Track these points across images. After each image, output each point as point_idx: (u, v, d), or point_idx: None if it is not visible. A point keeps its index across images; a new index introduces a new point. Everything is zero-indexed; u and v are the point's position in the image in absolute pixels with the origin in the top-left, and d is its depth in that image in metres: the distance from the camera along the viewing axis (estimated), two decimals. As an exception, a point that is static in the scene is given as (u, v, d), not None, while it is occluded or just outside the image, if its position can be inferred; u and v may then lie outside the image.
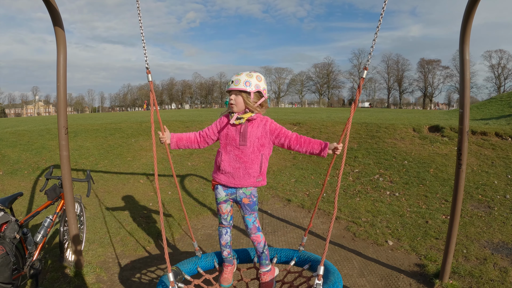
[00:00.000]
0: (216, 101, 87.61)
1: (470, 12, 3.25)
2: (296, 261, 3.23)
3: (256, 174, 2.82)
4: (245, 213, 2.90)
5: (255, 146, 2.78)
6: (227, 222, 3.01)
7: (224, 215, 2.97)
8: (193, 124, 11.79)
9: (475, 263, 4.08)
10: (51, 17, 3.54)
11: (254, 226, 2.90)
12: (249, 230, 2.92)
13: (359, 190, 6.74)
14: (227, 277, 3.04)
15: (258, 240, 2.93)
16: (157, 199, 6.40)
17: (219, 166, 2.86)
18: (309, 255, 3.22)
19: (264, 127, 2.79)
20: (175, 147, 2.90)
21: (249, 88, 2.66)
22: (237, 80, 2.65)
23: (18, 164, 8.12)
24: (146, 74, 2.71)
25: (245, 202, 2.87)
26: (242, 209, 2.91)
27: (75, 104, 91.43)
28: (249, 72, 2.70)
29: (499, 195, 5.91)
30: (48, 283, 3.78)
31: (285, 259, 3.30)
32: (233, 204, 3.01)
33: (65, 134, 3.78)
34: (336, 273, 2.71)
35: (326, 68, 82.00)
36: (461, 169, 3.54)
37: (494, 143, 8.01)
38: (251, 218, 2.90)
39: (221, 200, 2.93)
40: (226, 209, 2.95)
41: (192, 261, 3.21)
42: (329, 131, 10.18)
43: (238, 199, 2.88)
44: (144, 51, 2.72)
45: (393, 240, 4.83)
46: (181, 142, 2.91)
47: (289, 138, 2.81)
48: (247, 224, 2.91)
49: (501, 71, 66.34)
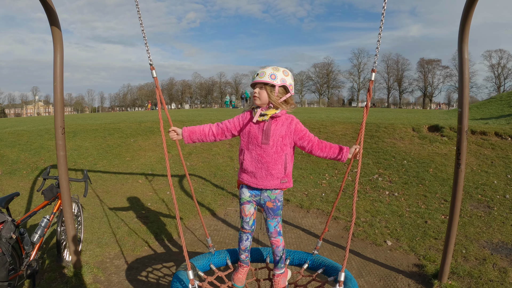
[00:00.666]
0: (216, 101, 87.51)
1: (468, 11, 3.24)
2: (310, 265, 3.19)
3: (280, 175, 2.72)
4: (268, 216, 2.84)
5: (279, 145, 2.67)
6: (249, 227, 2.89)
7: (246, 218, 2.86)
8: (192, 124, 11.75)
9: (474, 264, 4.06)
10: (48, 16, 3.52)
11: (275, 231, 2.85)
12: (269, 233, 2.87)
13: (358, 190, 6.72)
14: (241, 278, 3.02)
15: (278, 244, 2.89)
16: (156, 199, 6.38)
17: (242, 164, 2.78)
18: (323, 259, 3.18)
19: (289, 126, 2.69)
20: (188, 141, 2.79)
21: (275, 81, 2.55)
22: (262, 72, 2.56)
23: (17, 164, 8.11)
24: (150, 70, 2.69)
25: (268, 206, 2.80)
26: (265, 212, 2.85)
27: (75, 104, 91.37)
28: (275, 66, 2.61)
29: (498, 195, 5.89)
30: (46, 283, 3.76)
31: (298, 262, 3.27)
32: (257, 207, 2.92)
33: (62, 134, 3.77)
34: (352, 280, 2.69)
35: (325, 68, 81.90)
36: (460, 168, 3.53)
37: (494, 143, 7.99)
38: (273, 222, 2.84)
39: (244, 200, 2.84)
40: (249, 211, 2.85)
41: (205, 257, 3.20)
42: (328, 131, 10.16)
43: (262, 202, 2.81)
44: (146, 47, 2.73)
45: (392, 240, 4.82)
46: (194, 136, 2.79)
47: (312, 142, 2.73)
48: (268, 227, 2.86)
49: (501, 71, 66.28)
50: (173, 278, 2.72)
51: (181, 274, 2.76)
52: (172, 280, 2.70)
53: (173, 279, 2.70)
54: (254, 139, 2.68)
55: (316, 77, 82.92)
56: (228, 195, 6.79)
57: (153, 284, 3.91)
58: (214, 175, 7.84)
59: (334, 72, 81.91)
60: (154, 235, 5.12)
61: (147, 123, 11.97)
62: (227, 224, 5.56)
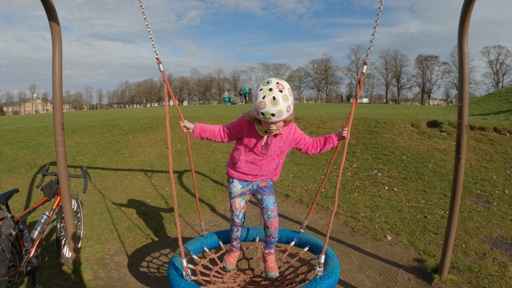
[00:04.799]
0: (214, 97, 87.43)
1: (468, 5, 3.23)
2: (296, 242, 3.34)
3: (270, 172, 2.91)
4: (264, 194, 2.88)
5: (276, 154, 2.81)
6: (239, 220, 2.96)
7: (236, 211, 2.93)
8: (191, 120, 11.70)
9: (474, 258, 4.07)
10: (47, 12, 3.50)
11: (275, 208, 2.86)
12: (270, 212, 2.82)
13: (358, 185, 6.73)
14: (232, 261, 3.12)
15: (276, 225, 2.87)
16: (155, 195, 6.37)
17: (235, 163, 2.87)
18: (309, 237, 3.32)
19: (287, 136, 2.75)
20: (198, 137, 2.86)
21: (290, 112, 2.48)
22: (279, 112, 2.37)
23: (15, 162, 8.08)
24: (157, 64, 2.69)
25: (262, 186, 2.91)
26: (259, 193, 2.91)
27: (73, 102, 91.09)
28: (283, 92, 2.39)
29: (498, 190, 5.90)
30: (45, 280, 3.76)
31: (286, 240, 3.42)
32: (247, 201, 3.02)
33: (61, 130, 3.75)
34: (334, 258, 2.77)
35: (324, 64, 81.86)
36: (460, 163, 3.53)
37: (493, 138, 8.00)
38: (270, 198, 2.87)
39: (236, 193, 2.93)
40: (239, 204, 2.93)
41: (199, 241, 3.33)
42: (327, 126, 10.15)
43: (255, 186, 2.92)
44: (152, 42, 2.74)
45: (391, 235, 4.82)
46: (204, 133, 2.87)
47: (307, 144, 2.83)
48: (267, 205, 2.84)
49: (499, 67, 66.36)
50: (169, 265, 2.78)
51: (176, 260, 2.81)
52: (168, 267, 2.76)
53: (169, 266, 2.76)
54: (254, 147, 2.76)
55: (314, 73, 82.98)
56: (227, 190, 6.77)
57: (153, 279, 3.91)
58: (213, 171, 7.83)
59: (333, 68, 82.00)
60: (154, 231, 5.12)
61: (145, 119, 11.94)
62: (227, 220, 5.56)
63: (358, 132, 9.53)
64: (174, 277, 2.58)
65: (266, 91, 2.37)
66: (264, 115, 2.39)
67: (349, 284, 3.71)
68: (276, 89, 2.38)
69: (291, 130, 2.75)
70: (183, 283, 2.47)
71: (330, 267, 2.58)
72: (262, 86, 2.43)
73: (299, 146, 2.82)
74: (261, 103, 2.37)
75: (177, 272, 2.61)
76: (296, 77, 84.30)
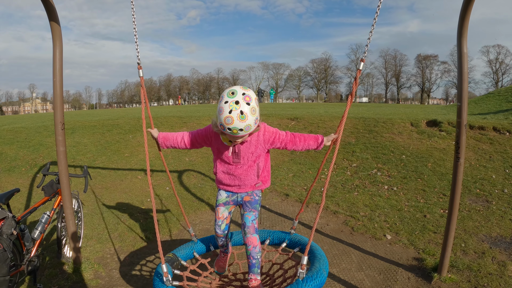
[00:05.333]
0: (213, 97, 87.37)
1: (467, 5, 3.24)
2: (288, 243, 3.28)
3: (254, 182, 2.72)
4: (245, 210, 2.74)
5: (250, 160, 2.62)
6: (221, 231, 2.86)
7: (218, 221, 2.83)
8: (191, 119, 11.75)
9: (474, 257, 4.08)
10: (47, 12, 3.51)
11: (252, 225, 2.67)
12: (246, 228, 2.66)
13: (357, 184, 6.74)
14: (222, 265, 3.07)
15: (254, 243, 2.63)
16: (155, 195, 6.38)
17: (216, 175, 2.77)
18: (300, 237, 3.27)
19: (257, 139, 2.56)
20: (163, 146, 2.81)
21: (258, 122, 2.35)
22: (248, 126, 2.23)
23: (15, 161, 8.09)
24: (138, 69, 2.73)
25: (246, 200, 2.76)
26: (243, 207, 2.78)
27: (73, 101, 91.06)
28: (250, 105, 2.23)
29: (497, 189, 5.92)
30: (46, 279, 3.77)
31: (277, 241, 3.36)
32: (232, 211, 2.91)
33: (62, 130, 3.76)
34: (322, 259, 2.66)
35: (323, 64, 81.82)
36: (459, 162, 3.54)
37: (492, 138, 8.01)
38: (250, 215, 2.70)
39: (220, 202, 2.83)
40: (223, 214, 2.82)
41: (188, 246, 3.28)
42: (326, 126, 10.16)
43: (239, 199, 2.78)
44: (136, 47, 2.74)
45: (391, 234, 4.84)
46: (168, 142, 2.79)
47: (284, 141, 2.64)
48: (245, 221, 2.68)
49: (498, 66, 66.35)
50: (154, 274, 2.73)
51: (160, 268, 2.75)
52: (154, 274, 2.72)
53: (154, 275, 2.71)
54: (225, 158, 2.62)
55: (314, 72, 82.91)
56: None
57: (154, 279, 3.92)
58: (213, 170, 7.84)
59: (332, 67, 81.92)
60: (154, 231, 5.13)
61: (145, 119, 11.95)
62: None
63: (358, 131, 9.55)
64: (156, 283, 2.56)
65: (233, 104, 2.18)
66: (232, 130, 2.23)
67: (348, 283, 3.73)
68: (243, 101, 2.20)
69: (260, 132, 2.56)
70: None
71: (315, 268, 2.47)
72: (227, 98, 2.22)
73: (275, 145, 2.64)
74: (228, 118, 2.19)
75: (159, 278, 2.57)
76: (295, 76, 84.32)
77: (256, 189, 2.78)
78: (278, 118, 11.23)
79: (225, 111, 2.19)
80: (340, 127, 2.61)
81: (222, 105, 2.22)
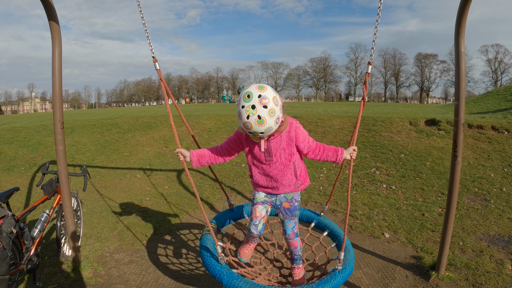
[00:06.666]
0: (212, 96, 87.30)
1: (464, 5, 3.25)
2: (316, 224, 3.46)
3: (293, 182, 2.67)
4: (285, 217, 2.76)
5: (284, 157, 2.55)
6: (257, 232, 2.80)
7: (256, 220, 2.77)
8: (190, 118, 11.75)
9: (472, 255, 4.10)
10: (46, 11, 3.51)
11: (293, 232, 2.78)
12: (287, 235, 2.80)
13: (356, 183, 6.76)
14: (247, 253, 2.99)
15: (295, 245, 2.86)
16: (154, 194, 6.38)
17: (252, 178, 2.73)
18: (328, 222, 3.43)
19: (288, 134, 2.49)
20: (197, 165, 2.66)
21: (280, 120, 2.33)
22: (268, 129, 2.22)
23: (14, 161, 8.09)
24: (153, 63, 2.67)
25: (285, 207, 2.73)
26: (281, 213, 2.77)
27: (72, 101, 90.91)
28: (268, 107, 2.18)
29: (495, 188, 5.94)
30: (46, 278, 3.78)
31: (306, 219, 3.55)
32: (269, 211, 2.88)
33: (61, 129, 3.77)
34: (351, 251, 2.86)
35: (323, 63, 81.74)
36: (456, 161, 3.56)
37: (491, 137, 8.03)
38: (290, 223, 2.76)
39: (258, 200, 2.77)
40: (260, 213, 2.76)
41: (226, 215, 3.46)
42: (325, 125, 10.17)
43: (278, 203, 2.74)
44: (149, 40, 2.68)
45: (389, 232, 4.86)
46: (204, 159, 2.68)
47: (310, 148, 2.62)
48: (285, 229, 2.79)
49: (497, 66, 66.37)
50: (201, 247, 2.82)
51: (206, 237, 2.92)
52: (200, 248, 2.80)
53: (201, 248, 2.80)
54: (257, 158, 2.59)
55: (313, 71, 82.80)
56: (226, 189, 6.81)
57: (153, 277, 3.94)
58: (212, 169, 7.84)
59: (331, 66, 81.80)
60: (153, 229, 5.14)
61: (144, 118, 11.95)
62: (226, 218, 5.58)
63: (357, 130, 9.55)
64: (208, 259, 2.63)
65: (249, 109, 2.15)
66: (253, 134, 2.27)
67: (347, 281, 3.74)
68: (260, 105, 2.15)
69: (291, 127, 2.50)
70: (219, 266, 2.53)
71: (346, 260, 2.68)
72: (243, 102, 2.18)
73: (299, 147, 2.56)
74: (247, 124, 2.19)
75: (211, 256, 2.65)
76: (294, 75, 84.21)
77: (295, 191, 2.73)
78: (277, 117, 11.23)
79: (243, 117, 2.18)
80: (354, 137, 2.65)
81: (239, 109, 2.21)
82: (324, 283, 2.41)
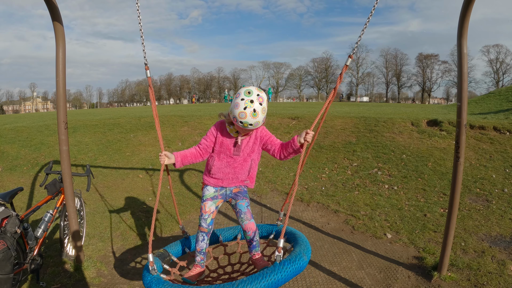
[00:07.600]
0: (214, 96, 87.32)
1: (468, 5, 3.26)
2: (275, 235, 3.32)
3: (244, 177, 2.94)
4: (237, 199, 2.93)
5: (247, 154, 2.87)
6: (207, 225, 2.93)
7: (205, 215, 2.92)
8: (192, 119, 11.77)
9: (473, 256, 4.11)
10: (50, 12, 3.53)
11: (248, 211, 2.90)
12: (243, 215, 2.87)
13: (358, 183, 6.77)
14: (193, 278, 2.97)
15: (253, 228, 2.87)
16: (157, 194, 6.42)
17: (210, 170, 2.93)
18: (287, 228, 3.20)
19: (256, 134, 2.86)
20: (180, 165, 2.96)
21: (264, 120, 2.67)
22: (257, 122, 2.57)
23: (17, 160, 8.12)
24: (145, 70, 2.80)
25: (235, 191, 2.95)
26: (233, 198, 2.95)
27: (73, 100, 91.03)
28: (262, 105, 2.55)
29: (497, 189, 5.94)
30: (49, 277, 3.80)
31: (266, 233, 3.40)
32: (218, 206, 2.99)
33: (65, 129, 3.79)
34: (303, 244, 2.67)
35: (324, 63, 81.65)
36: (459, 162, 3.57)
37: (492, 137, 8.03)
38: (244, 202, 2.92)
39: (208, 196, 2.96)
40: (209, 208, 2.93)
41: (180, 243, 3.35)
42: (327, 125, 10.18)
43: (228, 192, 2.96)
44: (143, 47, 2.83)
45: (391, 233, 4.86)
46: (186, 159, 2.96)
47: (275, 145, 2.84)
48: (240, 208, 2.88)
49: (499, 66, 66.24)
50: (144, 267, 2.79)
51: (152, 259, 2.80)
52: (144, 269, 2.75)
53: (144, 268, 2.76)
54: (226, 150, 2.85)
55: (314, 72, 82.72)
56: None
57: (156, 277, 3.95)
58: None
59: (333, 67, 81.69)
60: (156, 229, 5.16)
61: (146, 118, 11.97)
62: (228, 218, 5.60)
63: (359, 130, 9.56)
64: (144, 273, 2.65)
65: (248, 102, 2.50)
66: (243, 124, 2.56)
67: (349, 281, 3.76)
68: (257, 101, 2.51)
69: (258, 129, 2.85)
70: (149, 277, 2.54)
71: (295, 253, 2.47)
72: (244, 96, 2.54)
73: (267, 147, 2.87)
74: (242, 113, 2.52)
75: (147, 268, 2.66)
76: (296, 75, 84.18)
77: (243, 185, 2.99)
78: (279, 117, 11.24)
79: (240, 107, 2.52)
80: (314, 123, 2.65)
81: (238, 101, 2.54)
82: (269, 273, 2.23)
